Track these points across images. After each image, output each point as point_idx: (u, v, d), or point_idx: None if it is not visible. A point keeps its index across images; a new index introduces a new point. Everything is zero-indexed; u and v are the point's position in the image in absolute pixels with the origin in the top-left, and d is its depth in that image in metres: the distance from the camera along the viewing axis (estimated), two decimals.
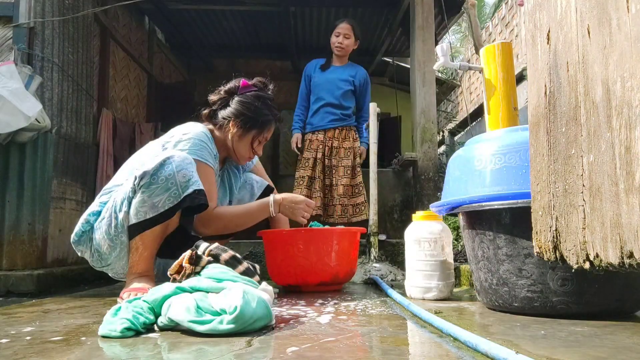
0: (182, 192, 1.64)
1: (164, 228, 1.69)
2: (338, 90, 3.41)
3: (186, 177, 1.65)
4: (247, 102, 1.98)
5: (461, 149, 1.65)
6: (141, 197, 1.63)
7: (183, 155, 1.69)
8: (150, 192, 1.62)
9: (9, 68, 2.39)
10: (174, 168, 1.64)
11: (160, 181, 1.62)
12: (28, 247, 2.51)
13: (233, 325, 1.10)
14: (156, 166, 1.63)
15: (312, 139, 3.44)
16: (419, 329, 1.25)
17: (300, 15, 5.33)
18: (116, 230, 1.69)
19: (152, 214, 1.64)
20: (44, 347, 1.04)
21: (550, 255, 1.10)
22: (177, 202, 1.64)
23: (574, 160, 1.00)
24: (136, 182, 1.63)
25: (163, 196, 1.63)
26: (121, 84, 4.55)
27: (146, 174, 1.62)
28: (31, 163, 2.56)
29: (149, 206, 1.63)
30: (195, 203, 1.67)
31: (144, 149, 1.94)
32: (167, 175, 1.63)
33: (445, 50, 1.83)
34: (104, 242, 1.72)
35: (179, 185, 1.64)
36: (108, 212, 1.72)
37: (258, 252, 2.90)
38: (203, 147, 1.86)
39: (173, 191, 1.63)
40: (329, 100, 3.41)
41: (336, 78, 3.43)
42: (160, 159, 1.65)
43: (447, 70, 8.84)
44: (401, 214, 4.01)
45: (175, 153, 1.69)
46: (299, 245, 2.08)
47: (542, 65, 1.14)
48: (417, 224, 1.85)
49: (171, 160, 1.65)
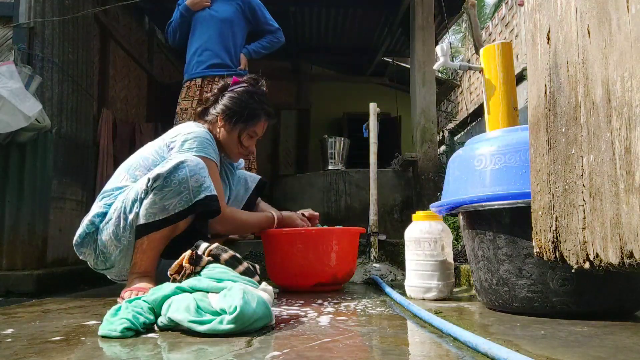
0: (194, 197, 1.66)
1: (171, 230, 1.70)
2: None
3: (199, 182, 1.67)
4: (235, 97, 2.01)
5: (461, 149, 1.65)
6: (153, 198, 1.64)
7: (196, 160, 1.71)
8: (162, 195, 1.64)
9: (9, 68, 2.39)
10: (187, 172, 1.66)
11: (173, 184, 1.64)
12: (28, 247, 2.50)
13: (233, 325, 1.10)
14: (170, 169, 1.65)
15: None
16: (419, 329, 1.25)
17: (300, 15, 5.33)
18: (124, 231, 1.70)
19: (162, 216, 1.65)
20: (44, 347, 1.04)
21: (550, 255, 1.10)
22: (187, 206, 1.66)
23: (574, 160, 0.99)
24: (149, 184, 1.65)
25: (174, 199, 1.65)
26: (121, 84, 4.55)
27: (160, 177, 1.64)
28: (31, 163, 2.56)
29: (159, 208, 1.64)
30: (208, 209, 1.70)
31: (144, 149, 1.94)
32: (180, 179, 1.64)
33: (445, 50, 1.83)
34: (111, 243, 1.73)
35: (191, 190, 1.66)
36: (117, 212, 1.72)
37: (258, 252, 2.90)
38: (209, 145, 1.89)
39: (185, 195, 1.65)
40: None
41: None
42: (174, 163, 1.66)
43: (447, 70, 8.84)
44: (401, 214, 4.01)
45: (188, 157, 1.71)
46: (298, 245, 2.08)
47: (542, 65, 1.14)
48: (417, 224, 1.85)
49: (185, 165, 1.67)
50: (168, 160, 1.71)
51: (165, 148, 1.87)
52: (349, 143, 5.20)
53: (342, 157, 5.10)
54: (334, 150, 5.07)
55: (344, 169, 4.65)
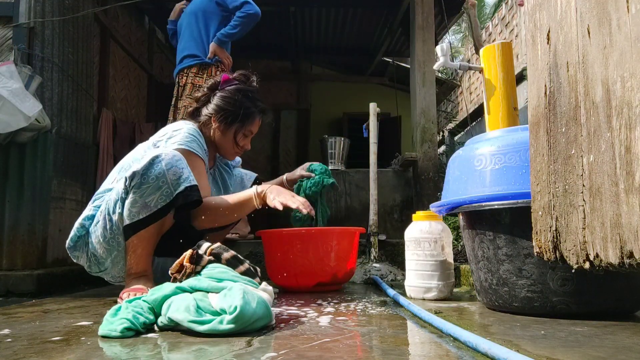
0: (174, 190, 1.63)
1: (158, 227, 1.68)
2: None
3: (177, 175, 1.64)
4: (227, 97, 1.97)
5: (461, 149, 1.65)
6: (133, 197, 1.62)
7: (172, 153, 1.67)
8: (141, 192, 1.62)
9: (9, 68, 2.39)
10: (164, 166, 1.62)
11: (150, 180, 1.61)
12: (28, 247, 2.50)
13: (233, 325, 1.10)
14: (145, 166, 1.62)
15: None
16: (419, 329, 1.25)
17: (300, 15, 5.33)
18: (112, 232, 1.69)
19: (146, 214, 1.63)
20: (44, 347, 1.04)
21: (550, 255, 1.10)
22: (169, 200, 1.63)
23: (574, 160, 1.00)
24: (127, 183, 1.63)
25: (155, 195, 1.62)
26: (121, 84, 4.55)
27: (136, 174, 1.62)
28: (31, 163, 2.56)
29: (141, 206, 1.63)
30: (189, 200, 1.65)
31: (136, 150, 1.92)
32: (157, 174, 1.62)
33: (445, 50, 1.83)
34: (100, 246, 1.72)
35: (170, 184, 1.63)
36: (102, 214, 1.71)
37: (258, 252, 2.90)
38: (194, 140, 1.85)
39: (165, 190, 1.62)
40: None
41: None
42: (148, 158, 1.64)
43: (447, 70, 8.84)
44: (401, 214, 4.01)
45: (163, 151, 1.67)
46: (298, 245, 2.08)
47: (542, 65, 1.14)
48: (417, 224, 1.85)
49: (160, 159, 1.63)
50: (143, 157, 1.68)
51: (153, 147, 1.84)
52: (349, 143, 5.20)
53: (342, 157, 5.09)
54: (334, 150, 5.07)
55: (344, 169, 4.65)
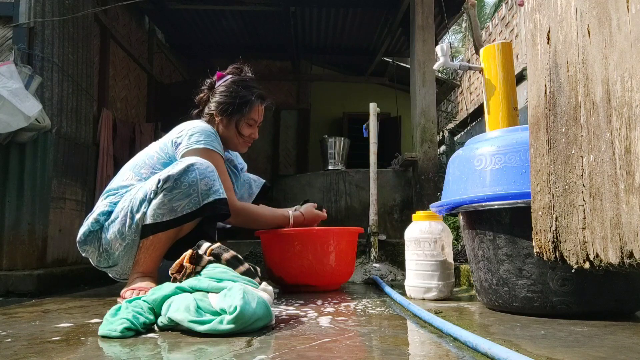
0: (202, 200, 1.67)
1: (176, 232, 1.71)
2: None
3: (208, 186, 1.68)
4: (224, 90, 2.03)
5: (461, 149, 1.65)
6: (162, 199, 1.66)
7: (206, 163, 1.72)
8: (171, 196, 1.65)
9: (9, 68, 2.39)
10: (197, 175, 1.67)
11: (183, 186, 1.66)
12: (28, 247, 2.50)
13: (233, 325, 1.10)
14: (180, 171, 1.66)
15: None
16: (419, 329, 1.25)
17: (300, 15, 5.33)
18: (130, 230, 1.71)
19: (169, 217, 1.66)
20: (44, 347, 1.04)
21: (550, 255, 1.10)
22: (195, 209, 1.67)
23: (574, 160, 1.00)
24: (159, 185, 1.66)
25: (183, 201, 1.66)
26: (121, 84, 4.55)
27: (170, 178, 1.66)
28: (31, 163, 2.55)
29: (167, 209, 1.66)
30: (217, 212, 1.70)
31: (149, 148, 1.96)
32: (190, 182, 1.66)
33: (445, 50, 1.83)
34: (116, 241, 1.74)
35: (200, 193, 1.67)
36: (123, 211, 1.73)
37: (258, 252, 2.90)
38: (215, 138, 1.92)
39: (194, 197, 1.67)
40: None
41: None
42: (184, 165, 1.68)
43: (447, 70, 8.83)
44: (401, 214, 4.01)
45: (198, 160, 1.72)
46: (297, 245, 2.08)
47: (542, 65, 1.14)
48: (417, 224, 1.85)
49: (195, 167, 1.68)
50: (178, 162, 1.72)
51: (171, 145, 1.89)
52: (349, 143, 5.21)
53: (342, 157, 5.10)
54: (334, 150, 5.08)
55: (344, 169, 4.65)
